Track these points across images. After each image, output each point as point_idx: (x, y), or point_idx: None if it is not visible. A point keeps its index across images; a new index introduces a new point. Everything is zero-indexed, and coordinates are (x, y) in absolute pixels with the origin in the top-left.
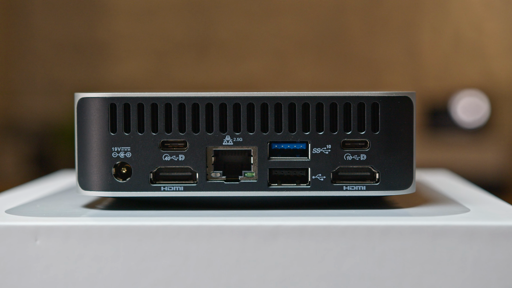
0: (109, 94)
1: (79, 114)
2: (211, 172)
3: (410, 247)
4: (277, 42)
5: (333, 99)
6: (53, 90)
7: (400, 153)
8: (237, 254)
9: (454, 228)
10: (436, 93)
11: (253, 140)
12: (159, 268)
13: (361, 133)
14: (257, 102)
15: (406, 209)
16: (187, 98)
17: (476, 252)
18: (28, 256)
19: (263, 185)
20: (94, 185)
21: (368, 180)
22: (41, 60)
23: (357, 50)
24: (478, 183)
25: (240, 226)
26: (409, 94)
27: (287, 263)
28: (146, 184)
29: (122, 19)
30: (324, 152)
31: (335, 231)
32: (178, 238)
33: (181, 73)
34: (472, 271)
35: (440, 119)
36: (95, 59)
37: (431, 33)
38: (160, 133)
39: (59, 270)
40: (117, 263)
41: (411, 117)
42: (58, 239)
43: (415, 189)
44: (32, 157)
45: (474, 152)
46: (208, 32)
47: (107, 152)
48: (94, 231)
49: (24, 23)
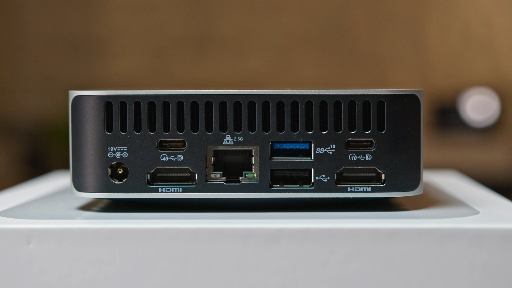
0: (105, 92)
1: (74, 113)
2: (210, 173)
3: (417, 251)
4: (279, 37)
5: (337, 97)
6: (47, 88)
7: (407, 153)
8: (238, 258)
9: (463, 231)
10: (444, 90)
11: (254, 140)
12: (157, 273)
13: (367, 133)
14: (259, 100)
15: (413, 211)
16: (186, 96)
17: (486, 256)
18: (20, 260)
19: (265, 186)
20: (89, 186)
21: (374, 181)
22: (34, 57)
23: (362, 46)
24: (488, 184)
25: (241, 229)
26: (416, 91)
27: (289, 268)
28: (143, 185)
29: (118, 14)
30: (328, 152)
31: (339, 234)
32: (177, 241)
33: (180, 70)
34: (481, 275)
35: (448, 118)
36: (90, 56)
37: (439, 28)
38: (157, 133)
39: (53, 275)
40: (113, 267)
41: (418, 116)
42: (51, 243)
43: (422, 190)
44: (25, 157)
45: (484, 152)
46: (208, 27)
47: (103, 152)
48: (89, 234)
49: (16, 18)
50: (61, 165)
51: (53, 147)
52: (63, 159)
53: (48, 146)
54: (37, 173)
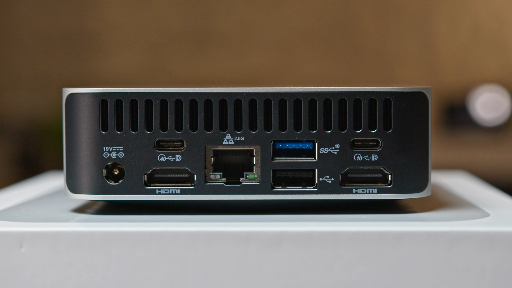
0: (100, 90)
1: (68, 111)
2: (210, 174)
3: (425, 255)
4: (281, 33)
5: (342, 95)
6: (39, 85)
7: (414, 153)
8: (239, 263)
9: (472, 235)
10: (453, 88)
11: (255, 139)
12: (154, 278)
13: (372, 132)
14: (260, 98)
15: (421, 214)
16: (184, 94)
17: (496, 260)
18: (12, 265)
19: (266, 188)
20: (84, 188)
21: (380, 182)
22: (26, 53)
23: (368, 41)
24: (499, 186)
25: (242, 232)
26: (424, 89)
27: (292, 272)
28: (139, 187)
29: (114, 8)
30: (332, 152)
31: (344, 238)
32: (175, 245)
33: (178, 67)
34: (492, 280)
35: (457, 117)
36: (85, 52)
37: (448, 23)
38: (155, 132)
39: (46, 280)
40: (109, 272)
41: (426, 114)
42: (45, 246)
43: (430, 192)
44: (17, 157)
45: (494, 152)
46: (207, 22)
47: (98, 152)
48: (84, 238)
49: (7, 13)
50: (54, 165)
51: (46, 147)
52: (57, 159)
53: (41, 145)
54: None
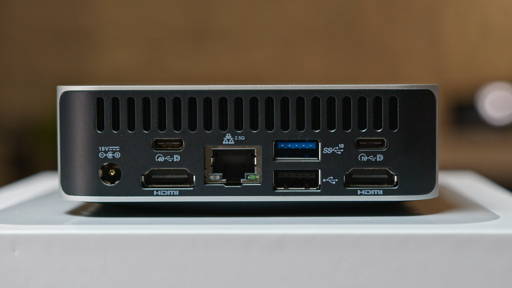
0: (96, 87)
1: (62, 110)
2: (209, 175)
3: (432, 258)
4: (283, 29)
5: (346, 93)
6: (33, 83)
7: (421, 153)
8: (239, 266)
9: (481, 237)
10: (461, 86)
11: (256, 139)
12: (152, 282)
13: (378, 131)
14: (261, 96)
15: (428, 216)
16: (183, 92)
17: (506, 264)
18: (5, 268)
19: (268, 189)
20: (79, 189)
21: (385, 183)
22: (19, 49)
23: (373, 37)
24: (508, 187)
25: (242, 235)
26: (431, 87)
27: (294, 277)
28: (137, 188)
29: (110, 3)
30: (336, 152)
31: (348, 241)
32: (173, 248)
33: (176, 64)
34: (501, 285)
35: (465, 115)
36: (80, 48)
37: (456, 19)
38: (152, 131)
39: (39, 284)
40: (105, 276)
41: (434, 113)
42: (38, 250)
43: (437, 193)
44: (10, 157)
45: (504, 152)
46: (207, 17)
47: (94, 152)
48: (79, 241)
49: (0, 8)
50: (48, 166)
51: (40, 146)
52: (51, 159)
53: (35, 145)
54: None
